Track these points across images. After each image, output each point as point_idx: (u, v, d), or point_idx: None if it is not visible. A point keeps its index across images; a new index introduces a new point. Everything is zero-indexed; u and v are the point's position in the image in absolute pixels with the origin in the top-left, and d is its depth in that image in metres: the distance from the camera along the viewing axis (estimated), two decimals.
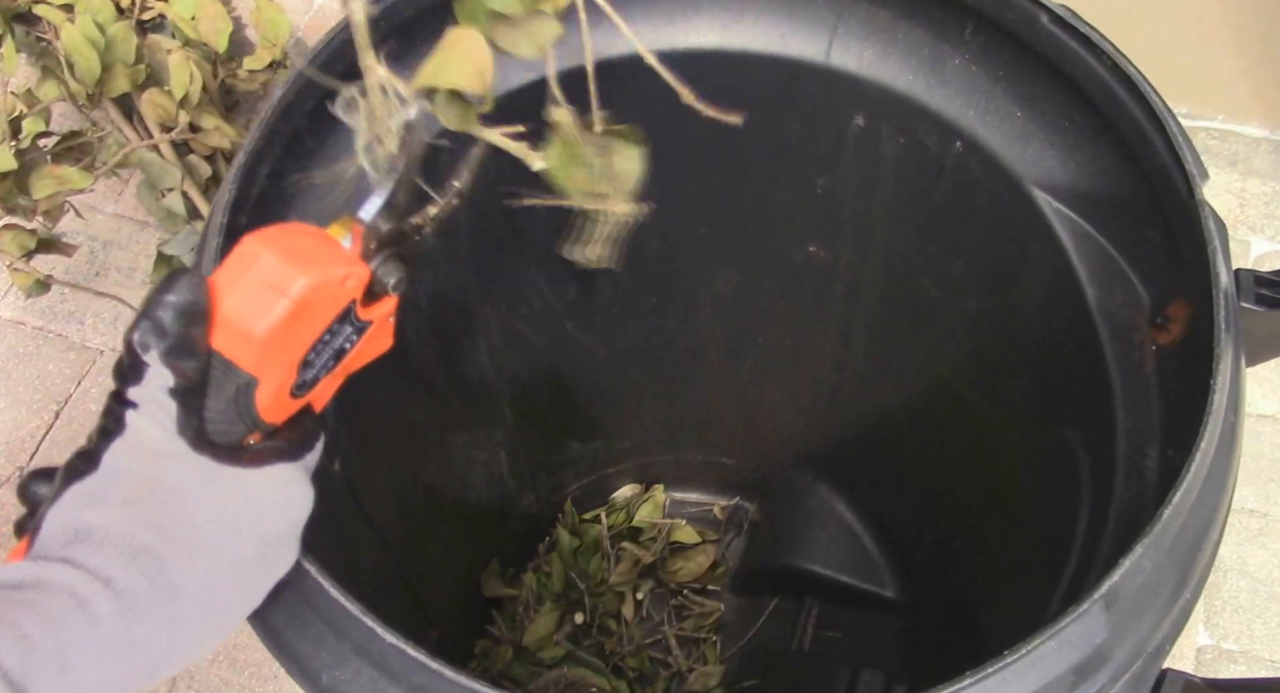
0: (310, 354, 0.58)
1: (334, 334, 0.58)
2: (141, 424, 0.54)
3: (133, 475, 0.53)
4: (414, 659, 0.59)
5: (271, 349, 0.55)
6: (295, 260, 0.55)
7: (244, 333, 0.54)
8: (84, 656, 0.48)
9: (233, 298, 0.54)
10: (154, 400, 0.54)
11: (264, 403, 0.56)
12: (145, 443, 0.54)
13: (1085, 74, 0.78)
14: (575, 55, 0.90)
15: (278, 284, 0.54)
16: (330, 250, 0.58)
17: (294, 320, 0.55)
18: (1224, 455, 0.68)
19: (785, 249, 1.10)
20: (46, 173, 1.41)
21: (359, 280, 0.58)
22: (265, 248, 0.55)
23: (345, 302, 0.58)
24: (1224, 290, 0.68)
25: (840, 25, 0.88)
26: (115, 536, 0.51)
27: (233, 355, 0.55)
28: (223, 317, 0.54)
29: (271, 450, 0.58)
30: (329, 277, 0.56)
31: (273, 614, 0.64)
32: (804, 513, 1.46)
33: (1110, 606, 0.60)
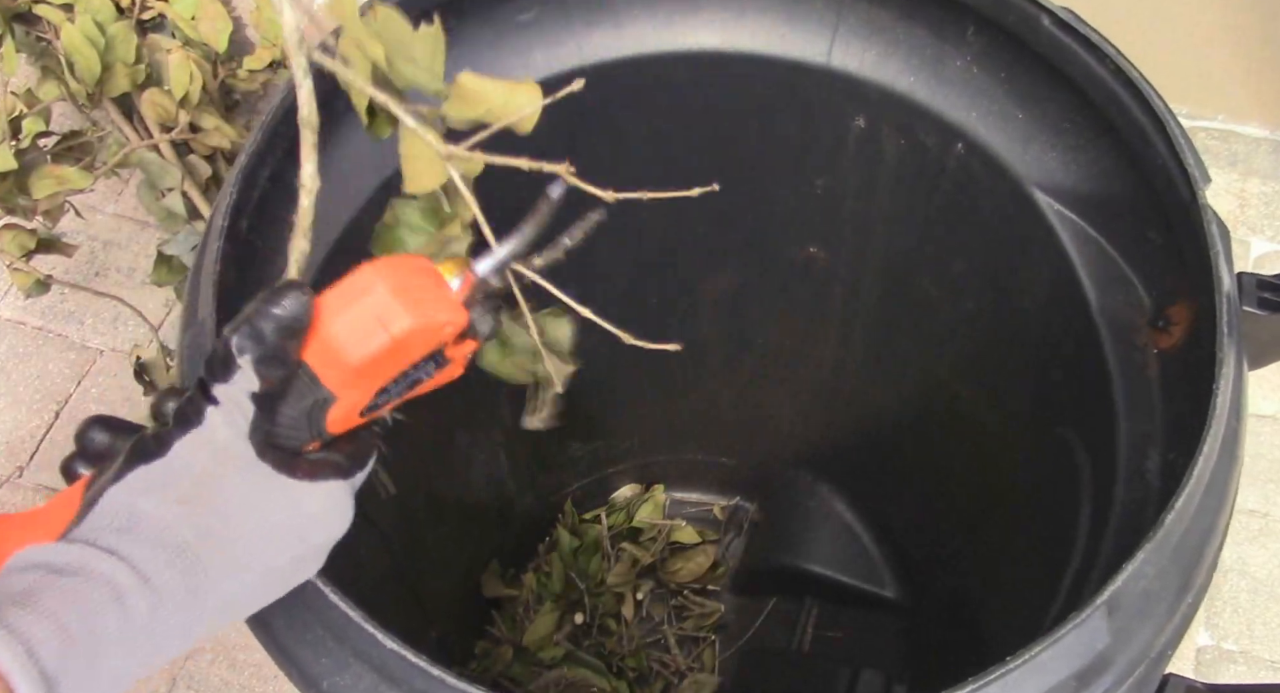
0: (390, 384, 0.59)
1: (417, 368, 0.60)
2: (218, 422, 0.55)
3: (196, 471, 0.55)
4: (415, 665, 0.59)
5: (361, 376, 0.57)
6: (405, 299, 0.56)
7: (339, 357, 0.55)
8: (113, 649, 0.49)
9: (338, 322, 0.55)
10: (235, 402, 0.55)
11: (334, 418, 0.58)
12: (216, 441, 0.55)
13: (1087, 76, 0.78)
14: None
15: (384, 319, 0.55)
16: (438, 294, 0.59)
17: (389, 356, 0.56)
18: (1226, 460, 0.68)
19: (785, 250, 1.10)
20: (46, 173, 1.41)
21: (456, 328, 0.60)
22: (380, 280, 0.56)
23: (438, 344, 0.59)
24: (1226, 294, 0.68)
25: (841, 26, 0.88)
26: (164, 532, 0.52)
27: (320, 373, 0.56)
28: (322, 336, 0.55)
29: (328, 465, 0.58)
30: (433, 322, 0.57)
31: (273, 619, 0.64)
32: (804, 513, 1.46)
33: (1112, 611, 0.60)
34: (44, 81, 1.53)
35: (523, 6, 0.87)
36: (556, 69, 0.89)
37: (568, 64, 0.89)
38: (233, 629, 1.54)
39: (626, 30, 0.90)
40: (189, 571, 0.52)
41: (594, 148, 0.97)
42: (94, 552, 0.51)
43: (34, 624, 0.46)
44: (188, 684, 1.51)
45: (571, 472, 1.50)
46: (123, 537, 0.52)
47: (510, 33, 0.87)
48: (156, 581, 0.51)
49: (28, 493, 1.62)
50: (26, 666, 0.45)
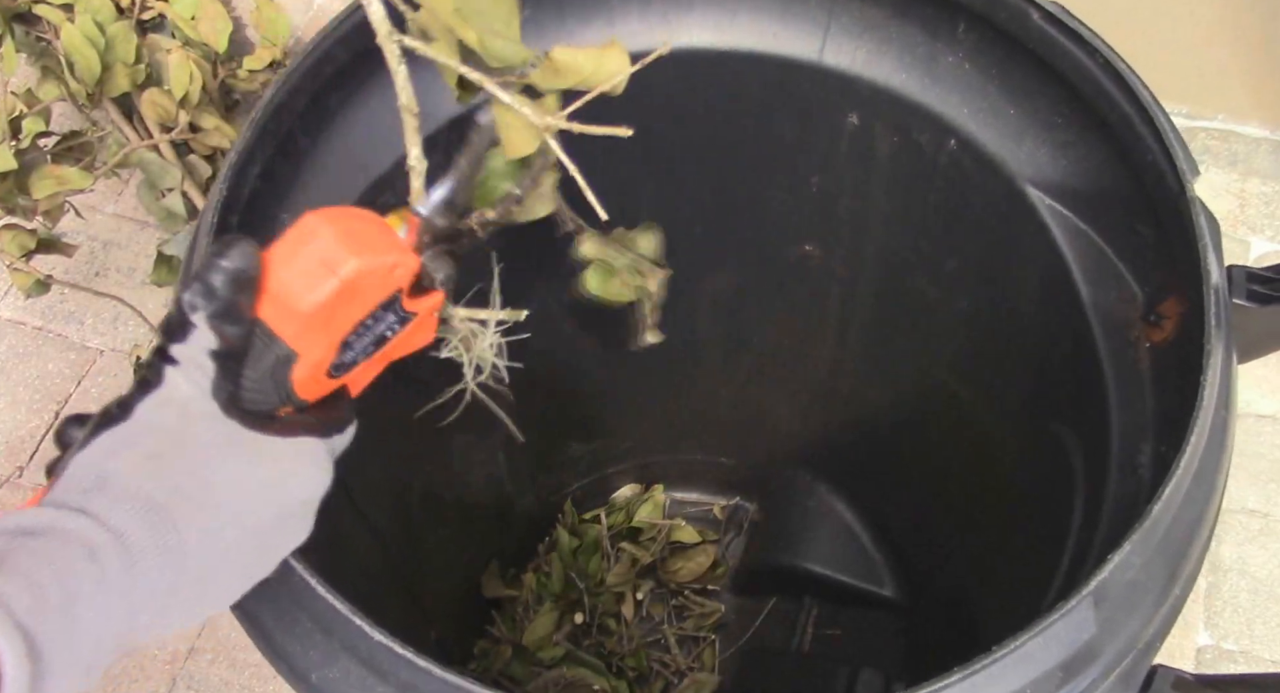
0: (351, 336, 0.59)
1: (376, 320, 0.60)
2: (178, 381, 0.55)
3: (160, 429, 0.55)
4: (401, 657, 0.59)
5: (314, 326, 0.56)
6: (350, 242, 0.56)
7: (290, 307, 0.55)
8: (89, 605, 0.49)
9: (285, 271, 0.56)
10: (194, 360, 0.55)
11: (300, 378, 0.58)
12: (179, 399, 0.55)
13: (1076, 70, 0.78)
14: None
15: (330, 263, 0.56)
16: (385, 238, 0.59)
17: (340, 300, 0.56)
18: (1215, 452, 0.68)
19: (780, 248, 1.10)
20: (46, 173, 1.42)
21: (408, 270, 0.60)
22: (324, 226, 0.57)
23: (392, 289, 0.59)
24: (1215, 287, 0.68)
25: (833, 24, 0.88)
26: (132, 488, 0.52)
27: (276, 327, 0.56)
28: (272, 288, 0.55)
29: (300, 424, 0.59)
30: (380, 263, 0.57)
31: (262, 614, 0.64)
32: (803, 513, 1.46)
33: (1099, 602, 0.60)
34: (44, 81, 1.53)
35: None
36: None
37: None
38: (232, 629, 1.54)
39: (619, 28, 0.90)
40: (160, 526, 0.52)
41: (586, 145, 0.98)
42: (64, 512, 0.51)
43: (5, 581, 0.47)
44: (188, 684, 1.51)
45: (571, 472, 1.50)
46: (91, 496, 0.52)
47: None
48: (129, 536, 0.51)
49: (28, 493, 1.63)
50: (2, 619, 0.45)
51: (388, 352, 0.62)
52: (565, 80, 0.62)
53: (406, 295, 0.61)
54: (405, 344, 0.63)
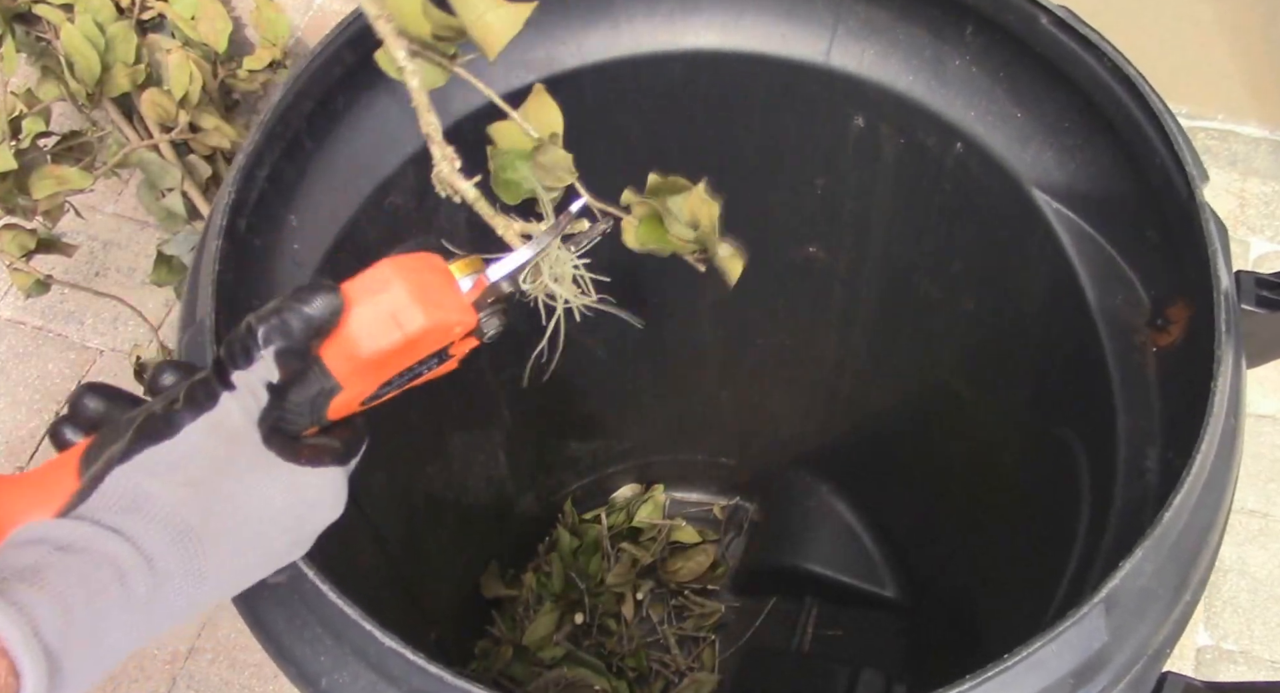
0: (394, 376, 0.60)
1: (421, 363, 0.61)
2: (232, 407, 0.56)
3: (206, 456, 0.55)
4: (413, 663, 0.59)
5: (370, 369, 0.58)
6: (421, 299, 0.58)
7: (352, 351, 0.57)
8: (113, 627, 0.50)
9: (354, 317, 0.57)
10: (251, 389, 0.56)
11: (336, 407, 0.59)
12: (228, 426, 0.56)
13: (1085, 75, 0.78)
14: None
15: (398, 318, 0.57)
16: (451, 296, 0.60)
17: (401, 352, 0.58)
18: (1224, 458, 0.68)
19: (784, 250, 1.10)
20: (46, 173, 1.41)
21: (465, 329, 0.61)
22: (398, 278, 0.58)
23: (446, 342, 0.61)
24: (1225, 293, 0.68)
25: (840, 26, 0.88)
26: (169, 514, 0.52)
27: (332, 364, 0.57)
28: (338, 329, 0.57)
29: (327, 451, 0.59)
30: (445, 322, 0.59)
31: (271, 618, 0.64)
32: (804, 513, 1.46)
33: (1110, 609, 0.60)
34: (44, 81, 1.53)
35: None
36: (556, 68, 0.89)
37: (567, 63, 0.89)
38: (232, 629, 1.54)
39: (625, 30, 0.90)
40: (191, 554, 0.52)
41: (592, 147, 0.97)
42: (99, 530, 0.51)
43: (39, 601, 0.47)
44: (188, 684, 1.51)
45: (571, 472, 1.50)
46: (128, 517, 0.52)
47: None
48: (159, 562, 0.51)
49: None
50: (31, 642, 0.46)
51: (415, 382, 0.64)
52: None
53: (455, 343, 0.62)
54: (433, 375, 0.65)
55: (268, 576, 0.60)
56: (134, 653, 1.51)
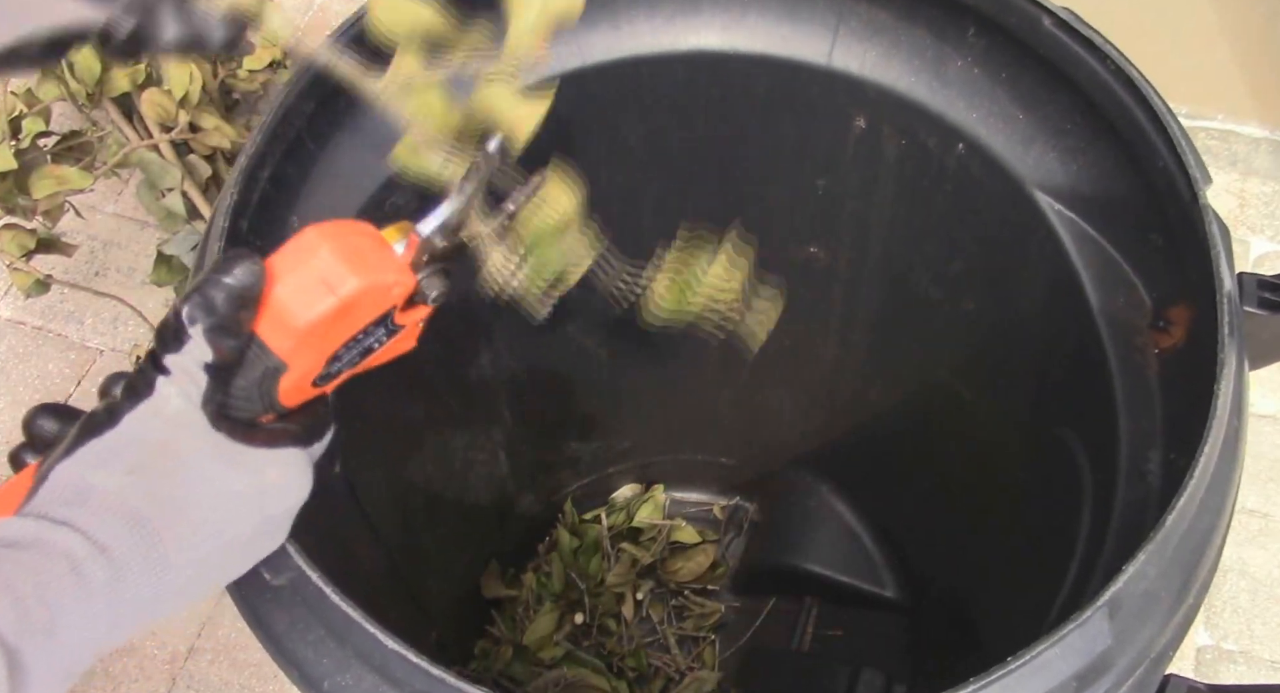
0: (341, 350, 0.59)
1: (367, 334, 0.60)
2: (170, 392, 0.55)
3: (147, 442, 0.54)
4: (416, 666, 0.59)
5: (309, 341, 0.56)
6: (350, 261, 0.56)
7: (287, 322, 0.55)
8: (72, 620, 0.49)
9: (283, 286, 0.55)
10: (187, 372, 0.55)
11: (286, 388, 0.57)
12: (168, 411, 0.55)
13: (1088, 77, 0.78)
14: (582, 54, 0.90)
15: (329, 281, 0.55)
16: (384, 256, 0.59)
17: (337, 318, 0.56)
18: (1227, 461, 0.68)
19: (785, 250, 1.10)
20: (46, 173, 1.41)
21: (404, 289, 0.60)
22: (325, 243, 0.56)
23: (387, 307, 0.59)
24: (1227, 295, 0.68)
25: (842, 27, 0.88)
26: (116, 502, 0.52)
27: (270, 340, 0.56)
28: (270, 303, 0.55)
29: (284, 434, 0.58)
30: (379, 282, 0.57)
31: (274, 620, 0.64)
32: (804, 513, 1.46)
33: (1114, 612, 0.60)
34: (44, 81, 1.53)
35: None
36: (557, 69, 0.89)
37: (568, 64, 0.89)
38: (233, 629, 1.54)
39: (626, 30, 0.90)
40: (146, 539, 0.51)
41: (593, 148, 0.98)
42: (46, 524, 0.50)
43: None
44: (188, 684, 1.51)
45: (571, 472, 1.50)
46: (75, 509, 0.51)
47: None
48: (113, 550, 0.50)
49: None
50: None
51: (370, 361, 0.62)
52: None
53: (399, 311, 0.61)
54: (389, 353, 0.63)
55: (249, 564, 0.59)
56: (133, 653, 1.51)
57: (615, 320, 1.21)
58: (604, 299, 1.16)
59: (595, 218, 0.71)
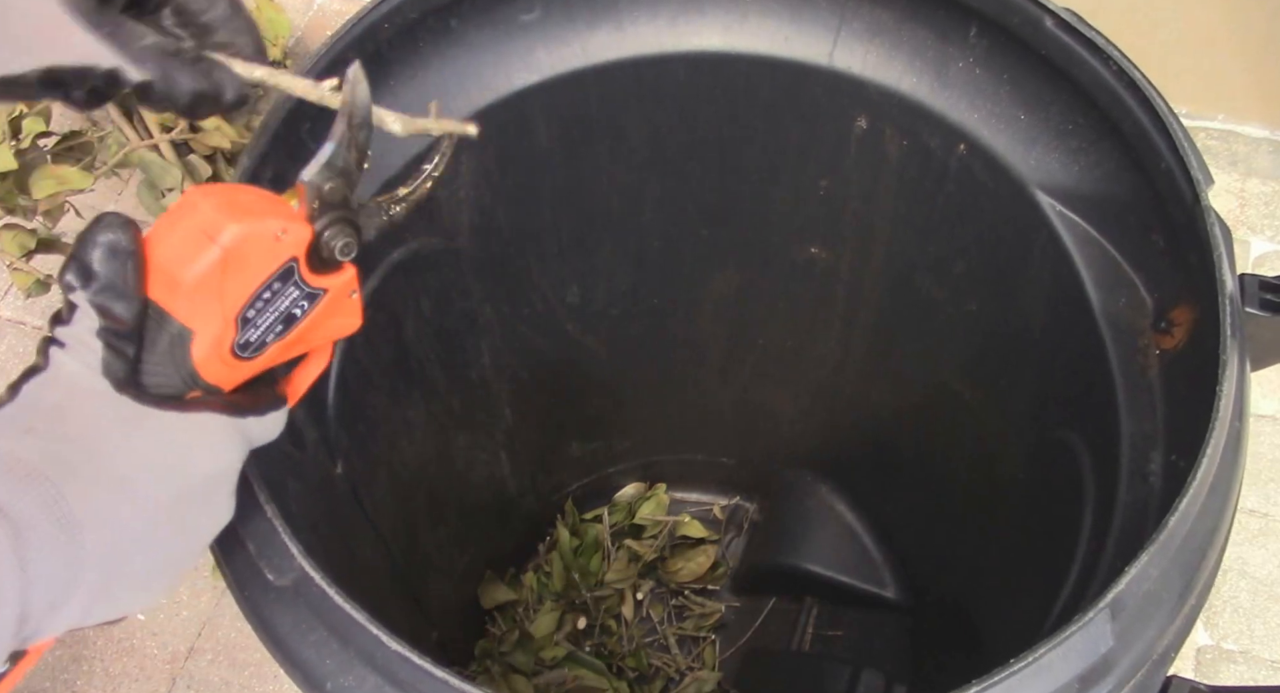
0: (250, 312, 0.57)
1: (276, 294, 0.58)
2: (64, 361, 0.54)
3: (43, 406, 0.53)
4: (419, 667, 0.58)
5: (201, 297, 0.55)
6: (229, 210, 0.55)
7: (174, 279, 0.54)
8: None
9: (166, 245, 0.55)
10: (80, 341, 0.54)
11: (200, 357, 0.56)
12: (63, 378, 0.54)
13: (1090, 78, 0.78)
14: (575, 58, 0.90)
15: (209, 231, 0.54)
16: (270, 205, 0.58)
17: (225, 269, 0.55)
18: (1229, 462, 0.68)
19: (786, 250, 1.10)
20: (46, 173, 1.41)
21: (296, 237, 0.58)
22: (204, 198, 0.55)
23: (283, 257, 0.58)
24: (1230, 296, 0.68)
25: (844, 27, 0.88)
26: (8, 461, 0.50)
27: (165, 303, 0.55)
28: (156, 264, 0.55)
29: (205, 403, 0.57)
30: (262, 228, 0.56)
31: (277, 621, 0.64)
32: (804, 513, 1.46)
33: (1116, 614, 0.60)
34: None
35: (526, 7, 0.87)
36: (560, 69, 0.89)
37: (571, 64, 0.89)
38: (232, 629, 1.54)
39: (629, 31, 0.90)
40: (47, 498, 0.50)
41: (596, 148, 0.98)
42: None
43: None
44: (188, 684, 1.51)
45: (572, 472, 1.50)
46: None
47: (514, 33, 0.87)
48: (9, 507, 0.48)
49: None
50: None
51: (304, 333, 0.61)
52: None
53: (308, 269, 0.59)
54: (325, 327, 0.62)
55: (191, 539, 0.57)
56: (133, 653, 1.51)
57: (616, 320, 1.22)
58: (604, 299, 1.17)
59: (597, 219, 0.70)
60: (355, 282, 0.62)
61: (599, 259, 1.12)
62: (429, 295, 1.00)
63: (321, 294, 0.60)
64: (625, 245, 1.11)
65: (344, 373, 0.87)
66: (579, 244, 1.08)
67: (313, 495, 0.82)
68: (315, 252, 0.59)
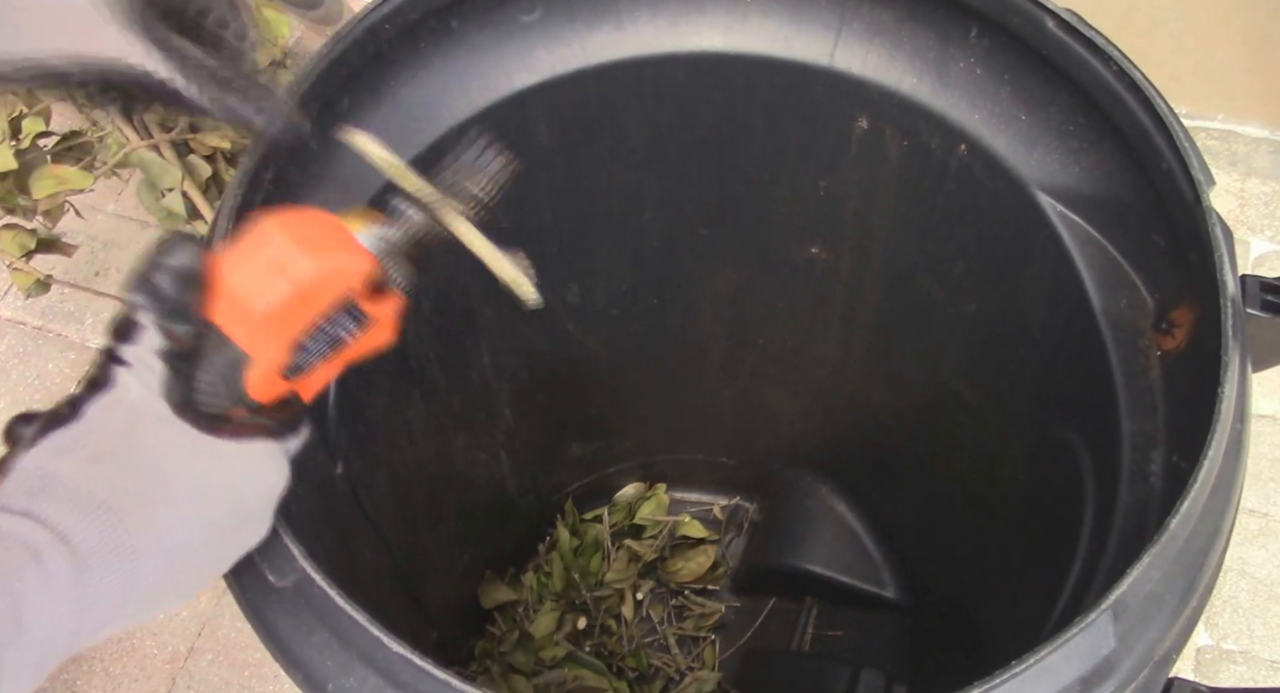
0: (305, 338, 0.58)
1: (332, 323, 0.59)
2: (128, 382, 0.55)
3: (108, 431, 0.54)
4: (420, 668, 0.58)
5: (268, 329, 0.56)
6: (304, 245, 0.56)
7: (244, 310, 0.55)
8: (37, 609, 0.48)
9: (239, 274, 0.55)
10: (144, 362, 0.55)
11: (253, 381, 0.57)
12: (128, 400, 0.54)
13: (1091, 78, 0.78)
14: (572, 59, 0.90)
15: (282, 266, 0.55)
16: (339, 240, 0.59)
17: (294, 303, 0.56)
18: (1231, 463, 0.68)
19: (787, 250, 1.10)
20: (46, 173, 1.41)
21: (361, 273, 0.59)
22: (279, 230, 0.56)
23: (346, 292, 0.59)
24: (1231, 297, 0.68)
25: (844, 28, 0.88)
26: (75, 490, 0.51)
27: (230, 330, 0.56)
28: (226, 291, 0.55)
29: (254, 427, 0.58)
30: (334, 266, 0.57)
31: (278, 622, 0.64)
32: (804, 513, 1.46)
33: (1118, 615, 0.60)
34: None
35: (527, 7, 0.87)
36: (560, 70, 0.89)
37: (571, 65, 0.89)
38: (232, 629, 1.54)
39: (629, 31, 0.90)
40: (109, 527, 0.51)
41: (596, 148, 0.98)
42: (5, 515, 0.50)
43: None
44: (188, 684, 1.51)
45: (572, 472, 1.50)
46: (35, 499, 0.51)
47: (514, 33, 0.87)
48: (75, 538, 0.50)
49: None
50: None
51: (346, 355, 0.62)
52: None
53: (364, 298, 0.60)
54: (364, 346, 0.63)
55: (234, 554, 0.59)
56: (133, 652, 1.51)
57: (616, 320, 1.22)
58: (604, 298, 1.17)
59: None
60: (400, 306, 0.63)
61: (599, 259, 1.12)
62: (428, 295, 0.99)
63: (371, 321, 0.61)
64: (625, 245, 1.11)
65: (344, 374, 0.87)
66: (579, 244, 1.08)
67: (313, 496, 0.81)
68: (374, 284, 0.60)
